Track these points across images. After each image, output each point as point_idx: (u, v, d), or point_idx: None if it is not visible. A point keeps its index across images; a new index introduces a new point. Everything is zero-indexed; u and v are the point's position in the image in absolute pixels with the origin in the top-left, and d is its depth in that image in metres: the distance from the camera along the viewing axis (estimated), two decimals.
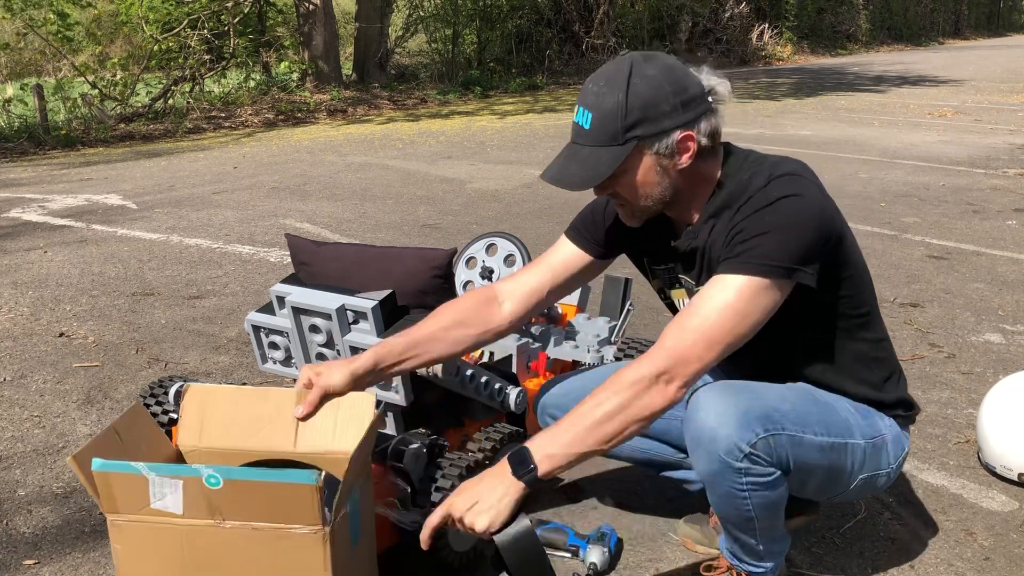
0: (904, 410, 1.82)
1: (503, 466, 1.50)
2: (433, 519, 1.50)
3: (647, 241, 1.83)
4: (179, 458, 1.80)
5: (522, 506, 1.50)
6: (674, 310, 1.91)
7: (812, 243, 1.58)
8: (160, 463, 1.53)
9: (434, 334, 1.78)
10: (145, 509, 1.51)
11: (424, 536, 1.52)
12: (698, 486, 2.06)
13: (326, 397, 1.69)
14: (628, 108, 1.58)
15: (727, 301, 1.55)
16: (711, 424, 1.56)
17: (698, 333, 1.53)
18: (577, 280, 1.92)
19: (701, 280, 1.74)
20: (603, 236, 1.88)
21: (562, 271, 1.89)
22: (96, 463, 1.49)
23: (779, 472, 1.60)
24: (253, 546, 1.49)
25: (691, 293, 1.82)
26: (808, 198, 1.61)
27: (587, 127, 1.61)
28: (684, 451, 1.96)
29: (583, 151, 1.62)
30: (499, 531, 1.47)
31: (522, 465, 1.49)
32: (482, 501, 1.48)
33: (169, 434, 2.01)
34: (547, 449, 1.50)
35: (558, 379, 2.04)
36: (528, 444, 1.51)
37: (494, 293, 1.87)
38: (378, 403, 1.79)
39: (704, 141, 1.63)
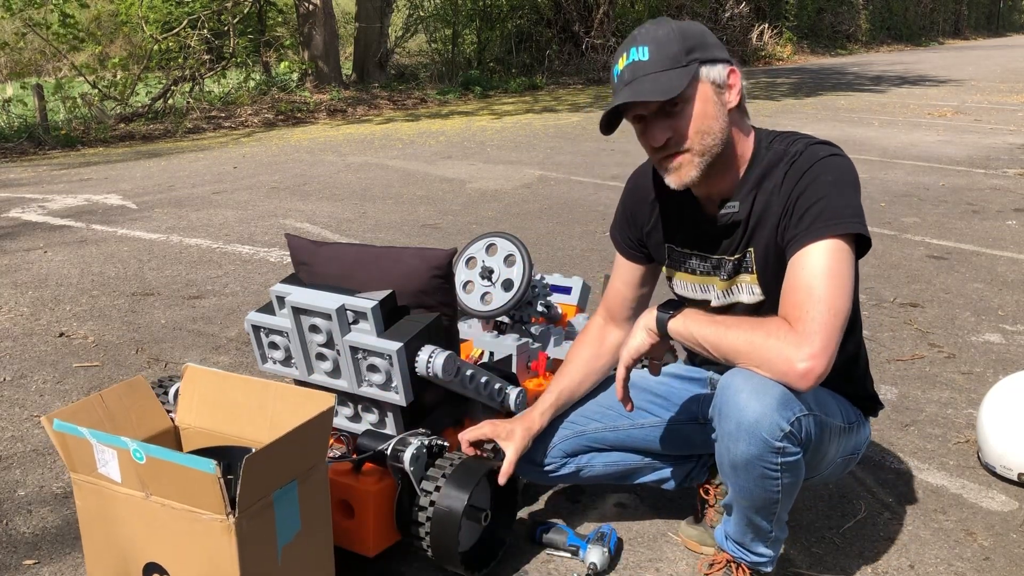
0: (871, 403, 1.93)
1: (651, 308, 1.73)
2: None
3: (675, 225, 1.88)
4: (175, 433, 1.88)
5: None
6: (679, 298, 1.96)
7: (859, 199, 1.68)
8: (101, 431, 1.58)
9: (584, 376, 2.02)
10: (94, 473, 1.60)
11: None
12: (673, 483, 2.11)
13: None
14: (683, 35, 1.65)
15: (826, 266, 1.60)
16: (754, 406, 1.57)
17: (813, 304, 1.57)
18: (646, 290, 2.02)
19: (735, 251, 1.79)
20: (636, 229, 1.94)
21: (629, 286, 2.01)
22: (55, 423, 1.58)
23: (803, 452, 1.64)
24: (174, 524, 1.54)
25: (698, 274, 1.87)
26: (847, 158, 1.73)
27: (646, 58, 1.64)
28: (648, 455, 2.05)
29: (648, 78, 1.64)
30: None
31: (667, 307, 1.72)
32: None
33: None
34: (691, 316, 1.68)
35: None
36: (688, 308, 1.71)
37: (598, 319, 2.05)
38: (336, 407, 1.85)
39: (744, 84, 1.72)
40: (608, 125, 1.73)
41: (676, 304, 1.75)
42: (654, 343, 1.74)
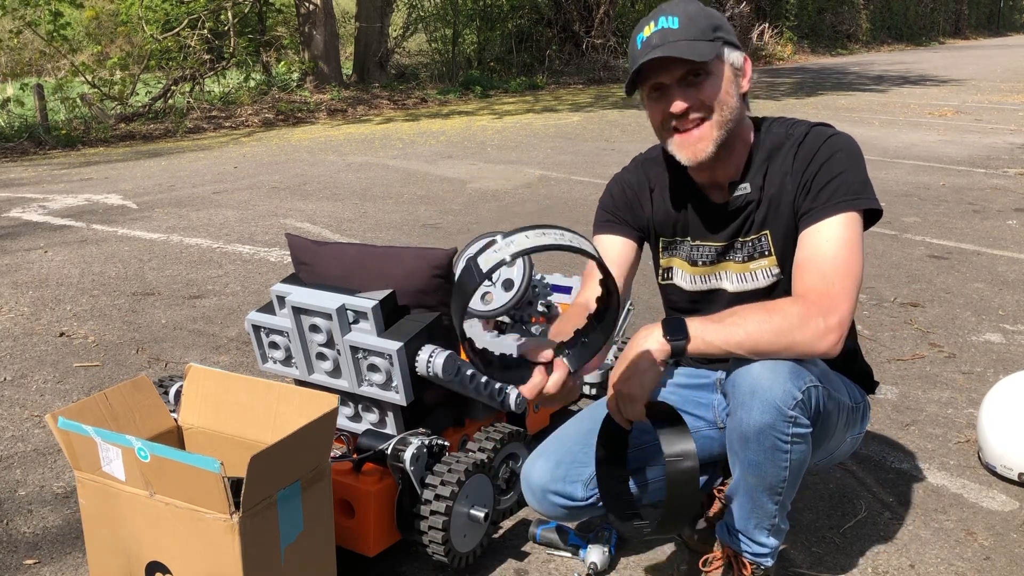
0: (868, 379, 1.94)
1: (655, 327, 1.60)
2: (611, 404, 1.65)
3: (678, 216, 1.87)
4: (178, 434, 1.88)
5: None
6: (672, 289, 1.94)
7: (867, 174, 1.74)
8: (105, 430, 1.58)
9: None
10: (99, 471, 1.60)
11: (623, 422, 1.67)
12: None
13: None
14: (710, 14, 1.70)
15: (844, 237, 1.66)
16: (768, 375, 1.60)
17: (836, 272, 1.63)
18: (628, 272, 1.93)
19: (747, 233, 1.79)
20: (635, 213, 1.91)
21: (623, 259, 1.91)
22: (60, 421, 1.59)
23: (812, 427, 1.65)
24: (178, 524, 1.54)
25: (701, 265, 1.86)
26: (851, 136, 1.78)
27: (676, 26, 1.66)
28: None
29: (680, 42, 1.66)
30: (651, 407, 1.60)
31: (677, 333, 1.60)
32: (630, 367, 1.60)
33: None
34: (705, 333, 1.60)
35: (541, 452, 1.90)
36: (687, 320, 1.61)
37: (581, 301, 1.90)
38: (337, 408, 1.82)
39: (753, 77, 1.76)
40: (631, 86, 1.74)
41: (676, 319, 1.62)
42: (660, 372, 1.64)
